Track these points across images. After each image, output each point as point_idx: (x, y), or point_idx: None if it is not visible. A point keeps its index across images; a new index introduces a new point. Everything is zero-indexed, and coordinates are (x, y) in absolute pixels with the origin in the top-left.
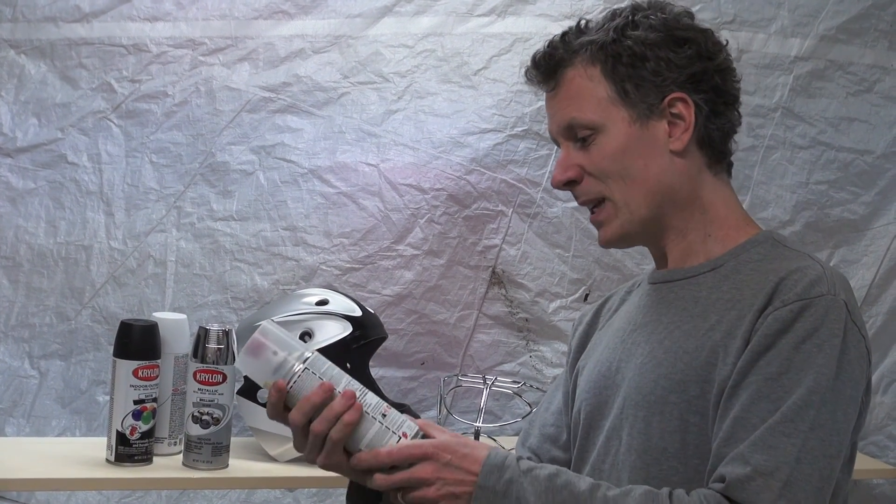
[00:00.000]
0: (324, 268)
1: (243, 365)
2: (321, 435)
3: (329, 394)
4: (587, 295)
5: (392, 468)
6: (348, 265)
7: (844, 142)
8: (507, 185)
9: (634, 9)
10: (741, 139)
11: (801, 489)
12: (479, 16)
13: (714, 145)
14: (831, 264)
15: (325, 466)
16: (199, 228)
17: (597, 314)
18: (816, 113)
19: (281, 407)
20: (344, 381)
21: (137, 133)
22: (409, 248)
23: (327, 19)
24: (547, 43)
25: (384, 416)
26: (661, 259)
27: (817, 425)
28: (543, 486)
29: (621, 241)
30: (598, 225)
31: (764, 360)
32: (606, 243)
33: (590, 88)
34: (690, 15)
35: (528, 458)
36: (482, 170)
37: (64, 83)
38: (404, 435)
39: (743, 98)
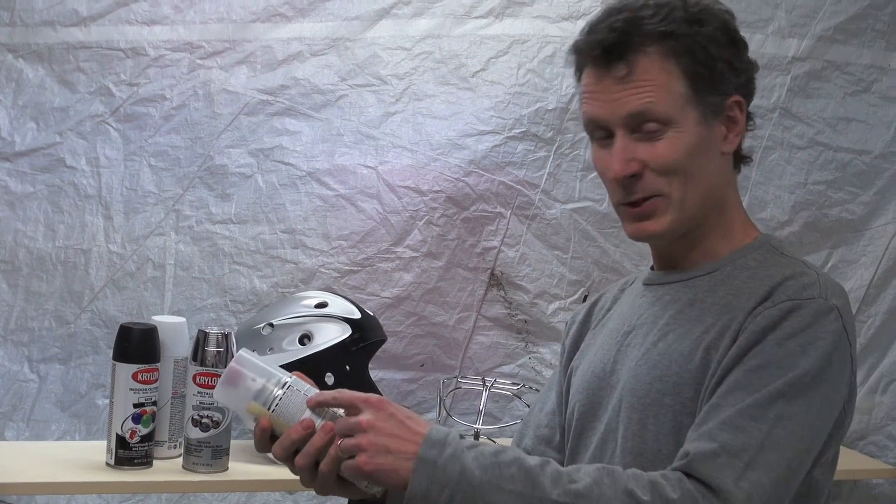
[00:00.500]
0: (323, 270)
1: (221, 395)
2: (307, 468)
3: (308, 430)
4: (586, 296)
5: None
6: (347, 267)
7: (842, 142)
8: (505, 187)
9: (686, 2)
10: None
11: (763, 474)
12: (476, 18)
13: (741, 146)
14: (830, 264)
15: (322, 493)
16: (197, 231)
17: (589, 313)
18: (814, 113)
19: (267, 439)
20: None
21: (136, 136)
22: (408, 251)
23: (325, 22)
24: (609, 26)
25: None
26: (664, 259)
27: (786, 417)
28: (489, 461)
29: (665, 235)
30: (644, 217)
31: (748, 356)
32: (649, 236)
33: (667, 82)
34: (731, 13)
35: None
36: (480, 172)
37: (62, 87)
38: None
39: None
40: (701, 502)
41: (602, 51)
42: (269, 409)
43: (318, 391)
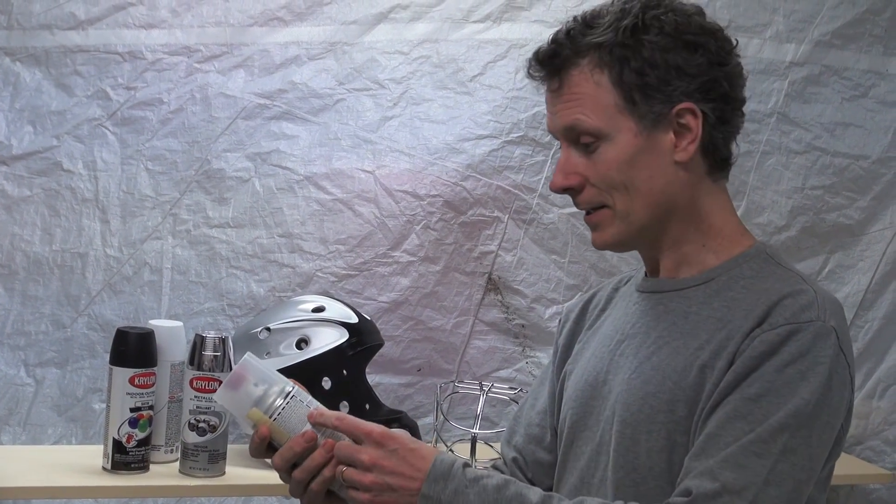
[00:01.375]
0: (320, 274)
1: (223, 398)
2: (303, 482)
3: (311, 443)
4: None
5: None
6: (344, 272)
7: (840, 147)
8: (502, 192)
9: (645, 6)
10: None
11: None
12: (474, 22)
13: (718, 152)
14: (827, 269)
15: None
16: (194, 235)
17: (583, 311)
18: (812, 118)
19: (264, 447)
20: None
21: (133, 140)
22: (405, 255)
23: (322, 26)
24: (552, 38)
25: None
26: (653, 266)
27: (789, 450)
28: (492, 498)
29: (617, 246)
30: (594, 227)
31: (746, 382)
32: (601, 246)
33: (596, 94)
34: (701, 13)
35: (514, 459)
36: (478, 176)
37: (59, 91)
38: None
39: None
40: None
41: (538, 64)
42: (271, 417)
43: (318, 404)
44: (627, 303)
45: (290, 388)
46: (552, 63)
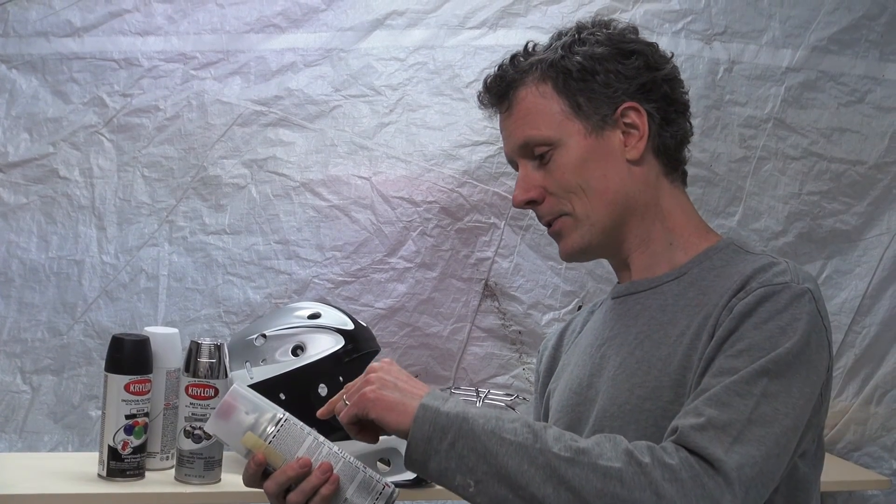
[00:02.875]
0: (316, 281)
1: (214, 428)
2: None
3: (306, 469)
4: (580, 307)
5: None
6: (341, 278)
7: (836, 152)
8: (499, 198)
9: (580, 27)
10: (733, 150)
11: (753, 447)
12: (470, 28)
13: (669, 153)
14: (824, 275)
15: None
16: (191, 242)
17: (560, 337)
18: (808, 124)
19: (260, 475)
20: (319, 442)
21: (129, 147)
22: (402, 261)
23: (318, 33)
24: (497, 66)
25: (366, 467)
26: (623, 271)
27: (770, 394)
28: (493, 414)
29: (582, 253)
30: (558, 237)
31: (728, 343)
32: (568, 256)
33: (543, 105)
34: (635, 30)
35: None
36: (474, 182)
37: (55, 98)
38: (387, 485)
39: (734, 109)
40: (697, 469)
41: (487, 92)
42: (266, 441)
43: (310, 429)
44: (605, 313)
45: (282, 415)
46: (499, 86)
